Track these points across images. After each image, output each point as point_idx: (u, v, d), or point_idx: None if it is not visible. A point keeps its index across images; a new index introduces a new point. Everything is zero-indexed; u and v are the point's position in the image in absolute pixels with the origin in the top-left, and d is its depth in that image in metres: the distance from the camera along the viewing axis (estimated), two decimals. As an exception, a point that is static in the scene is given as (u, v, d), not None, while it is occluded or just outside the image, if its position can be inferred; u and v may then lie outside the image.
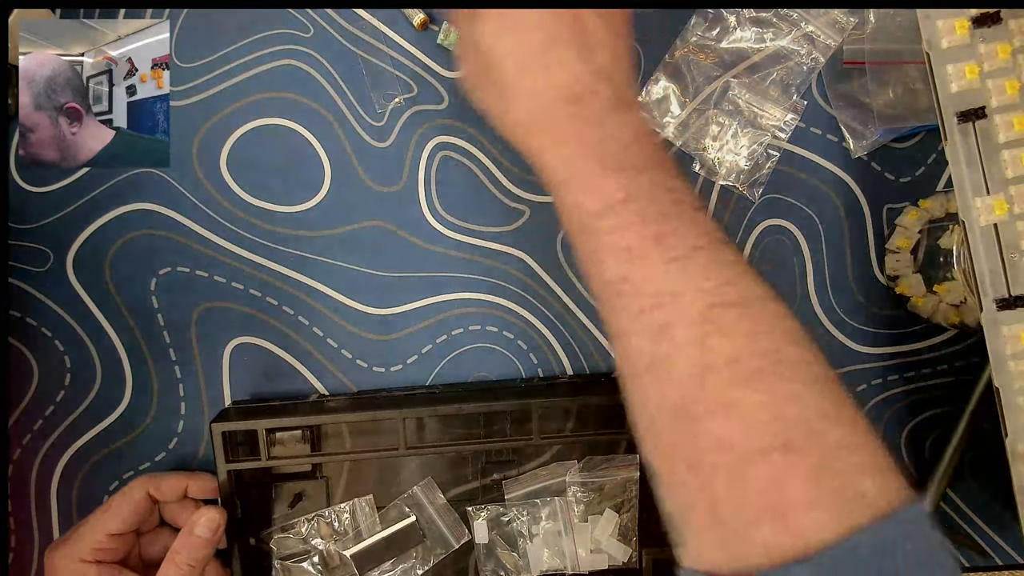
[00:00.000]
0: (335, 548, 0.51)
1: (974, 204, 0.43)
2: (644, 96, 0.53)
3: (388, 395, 0.52)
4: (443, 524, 0.52)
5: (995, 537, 0.53)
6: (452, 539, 0.52)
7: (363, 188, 0.53)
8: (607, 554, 0.51)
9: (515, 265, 0.54)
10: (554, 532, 0.51)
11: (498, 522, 0.52)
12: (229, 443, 0.48)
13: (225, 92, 0.53)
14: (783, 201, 0.54)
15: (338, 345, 0.53)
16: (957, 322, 0.50)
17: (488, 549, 0.52)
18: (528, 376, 0.54)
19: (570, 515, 0.52)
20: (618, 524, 0.51)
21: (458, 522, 0.52)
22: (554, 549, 0.51)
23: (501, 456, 0.53)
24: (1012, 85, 0.42)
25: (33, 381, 0.52)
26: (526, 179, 0.54)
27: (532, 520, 0.51)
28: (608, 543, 0.51)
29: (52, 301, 0.53)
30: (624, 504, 0.52)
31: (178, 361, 0.53)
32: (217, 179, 0.53)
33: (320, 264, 0.53)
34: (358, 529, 0.51)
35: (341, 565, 0.51)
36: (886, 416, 0.53)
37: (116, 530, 0.46)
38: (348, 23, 0.53)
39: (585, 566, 0.51)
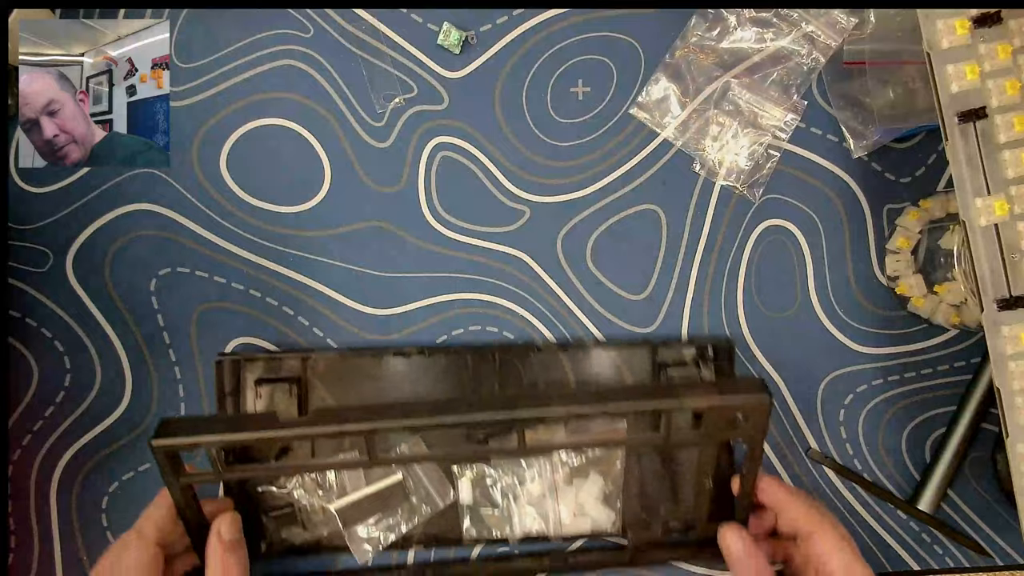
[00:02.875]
0: (319, 502, 0.51)
1: (974, 204, 0.43)
2: (644, 96, 0.53)
3: (373, 351, 0.52)
4: (429, 483, 0.52)
5: (995, 537, 0.53)
6: (438, 498, 0.52)
7: (363, 188, 0.53)
8: (590, 517, 0.52)
9: (515, 265, 0.54)
10: (539, 494, 0.51)
11: (482, 482, 0.52)
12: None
13: (225, 92, 0.53)
14: (783, 201, 0.54)
15: (338, 345, 0.53)
16: (957, 322, 0.50)
17: (472, 509, 0.52)
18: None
19: (555, 477, 0.51)
20: (603, 489, 0.52)
21: (444, 481, 0.52)
22: (538, 511, 0.51)
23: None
24: (1012, 85, 0.42)
25: (33, 381, 0.52)
26: (526, 179, 0.54)
27: (517, 481, 0.51)
28: (592, 506, 0.51)
29: (52, 301, 0.52)
30: (609, 468, 0.52)
31: (178, 361, 0.53)
32: (217, 179, 0.53)
33: (320, 264, 0.53)
34: (343, 484, 0.51)
35: (325, 519, 0.51)
36: (886, 416, 0.53)
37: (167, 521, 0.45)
38: (348, 23, 0.53)
39: (568, 529, 0.52)
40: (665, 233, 0.54)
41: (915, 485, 0.53)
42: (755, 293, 0.54)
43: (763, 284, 0.54)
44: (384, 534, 0.51)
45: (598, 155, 0.53)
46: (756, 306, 0.54)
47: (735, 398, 0.42)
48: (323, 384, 0.52)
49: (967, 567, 0.53)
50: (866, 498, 0.53)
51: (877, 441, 0.53)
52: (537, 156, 0.53)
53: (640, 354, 0.52)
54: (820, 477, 0.53)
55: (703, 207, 0.54)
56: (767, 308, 0.54)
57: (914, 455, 0.53)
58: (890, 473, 0.53)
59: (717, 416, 0.43)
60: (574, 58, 0.53)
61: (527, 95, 0.53)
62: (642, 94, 0.53)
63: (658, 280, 0.54)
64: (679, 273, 0.54)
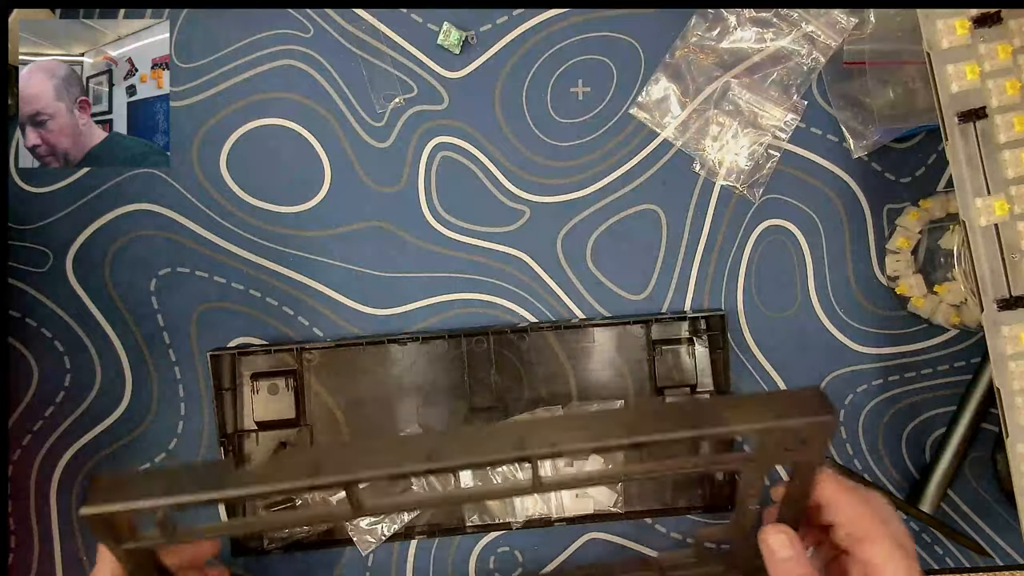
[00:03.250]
0: (319, 496, 0.51)
1: (974, 204, 0.43)
2: (644, 96, 0.53)
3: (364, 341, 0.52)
4: None
5: (995, 537, 0.53)
6: (439, 486, 0.52)
7: (363, 188, 0.53)
8: (592, 498, 0.52)
9: (515, 265, 0.54)
10: None
11: (482, 469, 0.52)
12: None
13: (225, 92, 0.53)
14: (783, 201, 0.54)
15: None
16: (957, 322, 0.50)
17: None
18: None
19: (556, 461, 0.51)
20: (604, 469, 0.52)
21: None
22: (540, 495, 0.51)
23: (485, 403, 0.53)
24: (1012, 85, 0.42)
25: (33, 381, 0.52)
26: (526, 179, 0.54)
27: (517, 466, 0.51)
28: (594, 487, 0.52)
29: (52, 301, 0.52)
30: None
31: (178, 361, 0.53)
32: (217, 179, 0.53)
33: (320, 264, 0.53)
34: None
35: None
36: (886, 416, 0.53)
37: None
38: (348, 23, 0.53)
39: (571, 511, 0.52)
40: (665, 233, 0.54)
41: (915, 485, 0.53)
42: (755, 293, 0.54)
43: (763, 284, 0.54)
44: (386, 524, 0.51)
45: (598, 155, 0.53)
46: (756, 306, 0.54)
47: (796, 422, 0.34)
48: (319, 377, 0.52)
49: (967, 567, 0.53)
50: (866, 498, 0.53)
51: (877, 441, 0.53)
52: (537, 156, 0.53)
53: (633, 331, 0.53)
54: (820, 477, 0.53)
55: (703, 207, 0.54)
56: (767, 308, 0.54)
57: (914, 455, 0.53)
58: (890, 473, 0.53)
59: (771, 440, 0.35)
60: (574, 58, 0.53)
61: (527, 95, 0.53)
62: (642, 94, 0.53)
63: (658, 280, 0.54)
64: (679, 273, 0.54)
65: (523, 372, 0.53)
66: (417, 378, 0.53)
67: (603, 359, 0.53)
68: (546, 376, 0.53)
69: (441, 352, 0.52)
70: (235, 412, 0.52)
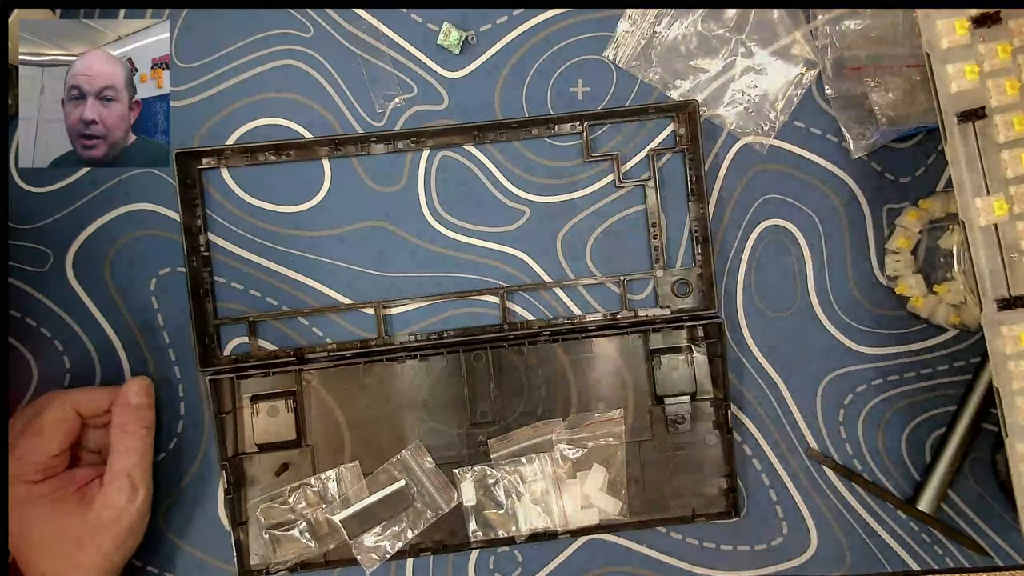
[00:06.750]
0: (323, 515, 0.51)
1: (974, 204, 0.43)
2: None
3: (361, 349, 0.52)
4: (432, 487, 0.52)
5: (995, 537, 0.53)
6: (442, 502, 0.52)
7: (363, 188, 0.53)
8: (597, 508, 0.52)
9: (515, 265, 0.54)
10: (542, 490, 0.51)
11: (485, 483, 0.52)
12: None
13: (225, 92, 0.53)
14: (783, 201, 0.54)
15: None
16: (957, 322, 0.50)
17: (477, 510, 0.52)
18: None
19: (558, 472, 0.52)
20: (606, 478, 0.52)
21: (448, 484, 0.52)
22: (543, 507, 0.51)
23: (485, 417, 0.52)
24: (1012, 85, 0.42)
25: (33, 381, 0.52)
26: (526, 179, 0.54)
27: (519, 479, 0.52)
28: (598, 497, 0.51)
29: (52, 301, 0.52)
30: (611, 458, 0.52)
31: (177, 361, 0.53)
32: (217, 179, 0.53)
33: (320, 264, 0.53)
34: (346, 495, 0.51)
35: (331, 532, 0.51)
36: (886, 416, 0.53)
37: (55, 452, 0.46)
38: (348, 23, 0.53)
39: (575, 522, 0.52)
40: (665, 233, 0.54)
41: (915, 485, 0.53)
42: (755, 293, 0.54)
43: (763, 284, 0.54)
44: (390, 542, 0.51)
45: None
46: (756, 306, 0.54)
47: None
48: (318, 396, 0.52)
49: (967, 567, 0.53)
50: (866, 498, 0.53)
51: (877, 441, 0.53)
52: (537, 156, 0.53)
53: (632, 341, 0.53)
54: (820, 477, 0.53)
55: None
56: (767, 308, 0.54)
57: (914, 455, 0.53)
58: (890, 473, 0.53)
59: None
60: (574, 58, 0.53)
61: (527, 95, 0.53)
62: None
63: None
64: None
65: (524, 384, 0.52)
66: (417, 394, 0.52)
67: (602, 369, 0.53)
68: (546, 388, 0.53)
69: (440, 367, 0.52)
70: (235, 435, 0.52)
